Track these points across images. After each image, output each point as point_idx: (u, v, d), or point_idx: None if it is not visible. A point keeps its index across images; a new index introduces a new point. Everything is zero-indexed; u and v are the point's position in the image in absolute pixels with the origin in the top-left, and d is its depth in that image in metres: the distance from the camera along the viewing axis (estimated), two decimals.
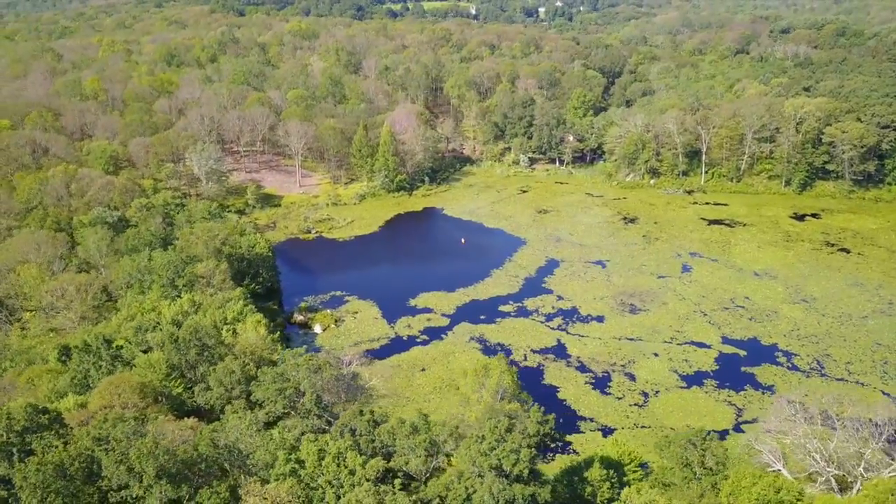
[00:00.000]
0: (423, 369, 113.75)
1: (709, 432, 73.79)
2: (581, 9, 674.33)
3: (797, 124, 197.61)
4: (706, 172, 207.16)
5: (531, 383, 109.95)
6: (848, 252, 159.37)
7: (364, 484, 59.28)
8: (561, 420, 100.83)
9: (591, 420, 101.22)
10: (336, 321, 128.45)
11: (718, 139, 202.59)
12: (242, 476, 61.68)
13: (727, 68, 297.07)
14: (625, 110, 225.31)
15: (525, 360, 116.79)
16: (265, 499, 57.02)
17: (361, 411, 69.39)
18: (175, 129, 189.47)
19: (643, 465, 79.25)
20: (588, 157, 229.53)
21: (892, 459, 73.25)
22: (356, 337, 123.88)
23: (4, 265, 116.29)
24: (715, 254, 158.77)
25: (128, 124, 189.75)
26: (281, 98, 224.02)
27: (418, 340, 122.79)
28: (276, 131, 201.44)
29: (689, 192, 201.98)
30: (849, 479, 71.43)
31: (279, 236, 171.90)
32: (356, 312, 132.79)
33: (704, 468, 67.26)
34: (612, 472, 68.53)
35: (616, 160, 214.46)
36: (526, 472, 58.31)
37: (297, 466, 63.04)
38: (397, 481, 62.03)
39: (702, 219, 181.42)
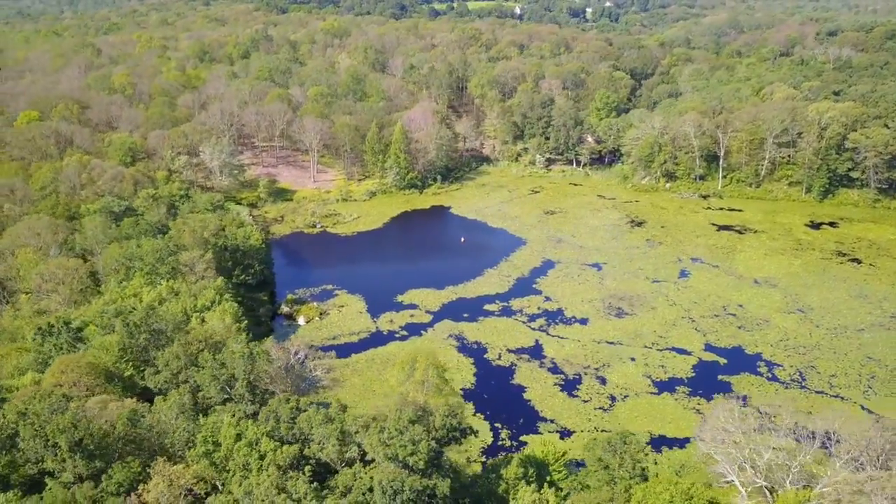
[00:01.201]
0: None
1: (628, 435, 72.60)
2: (632, 9, 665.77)
3: (821, 129, 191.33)
4: (724, 177, 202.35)
5: (500, 382, 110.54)
6: (859, 262, 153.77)
7: (270, 469, 60.75)
8: (521, 420, 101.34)
9: (552, 422, 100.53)
10: (321, 314, 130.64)
11: (737, 143, 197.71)
12: (158, 456, 63.89)
13: (764, 71, 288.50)
14: (643, 112, 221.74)
15: (499, 359, 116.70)
16: (168, 478, 59.04)
17: (288, 399, 70.99)
18: (193, 122, 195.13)
19: (582, 464, 78.91)
20: (606, 159, 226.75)
21: (838, 469, 70.76)
22: (337, 330, 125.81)
23: (7, 248, 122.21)
24: (717, 260, 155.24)
25: (149, 117, 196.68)
26: (302, 95, 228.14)
27: (397, 336, 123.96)
28: (293, 127, 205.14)
29: (705, 197, 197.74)
30: (779, 491, 69.44)
31: (284, 230, 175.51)
32: (342, 306, 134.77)
33: (622, 471, 66.43)
34: (532, 470, 68.32)
35: (633, 163, 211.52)
36: (422, 463, 58.78)
37: (212, 448, 64.97)
38: (307, 468, 63.31)
39: (712, 224, 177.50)
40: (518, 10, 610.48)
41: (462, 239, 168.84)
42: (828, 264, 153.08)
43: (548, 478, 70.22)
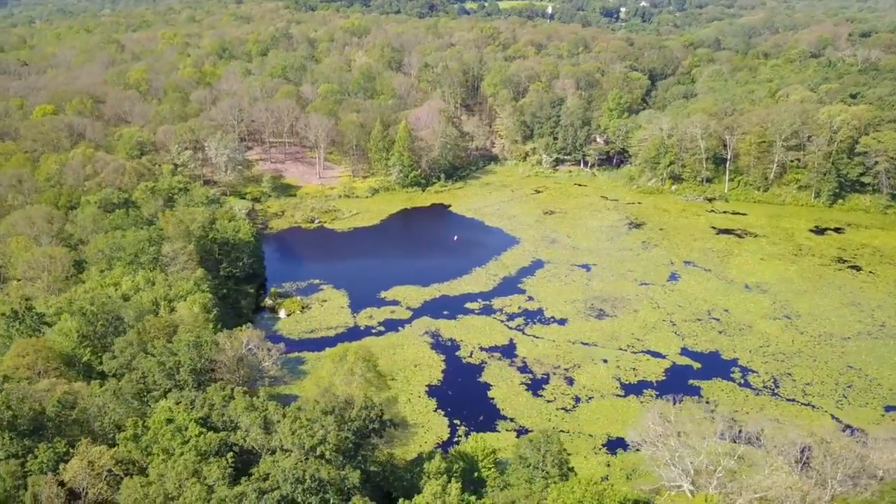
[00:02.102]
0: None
1: (551, 434, 72.26)
2: (666, 9, 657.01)
3: (833, 133, 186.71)
4: (732, 180, 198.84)
5: (466, 380, 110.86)
6: (858, 269, 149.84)
7: (189, 453, 62.38)
8: (481, 418, 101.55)
9: (512, 420, 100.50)
10: (302, 308, 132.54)
11: (745, 145, 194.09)
12: (84, 437, 66.00)
13: (788, 73, 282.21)
14: (651, 113, 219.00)
15: (470, 356, 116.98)
16: (87, 459, 61.05)
17: (223, 387, 72.65)
18: (201, 118, 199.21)
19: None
20: (615, 160, 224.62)
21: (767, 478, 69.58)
22: (316, 324, 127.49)
23: (2, 237, 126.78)
24: (710, 264, 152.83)
25: (158, 112, 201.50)
26: (313, 92, 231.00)
27: (374, 331, 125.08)
28: (300, 124, 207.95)
29: (710, 200, 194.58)
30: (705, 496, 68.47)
31: (282, 224, 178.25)
32: (325, 300, 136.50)
33: (542, 470, 66.28)
34: (458, 465, 68.65)
35: (640, 164, 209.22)
36: (328, 453, 59.66)
37: (141, 432, 66.90)
38: (230, 455, 64.77)
39: (712, 227, 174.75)
40: (550, 10, 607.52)
41: (455, 237, 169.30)
42: (825, 271, 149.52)
43: (475, 474, 70.50)
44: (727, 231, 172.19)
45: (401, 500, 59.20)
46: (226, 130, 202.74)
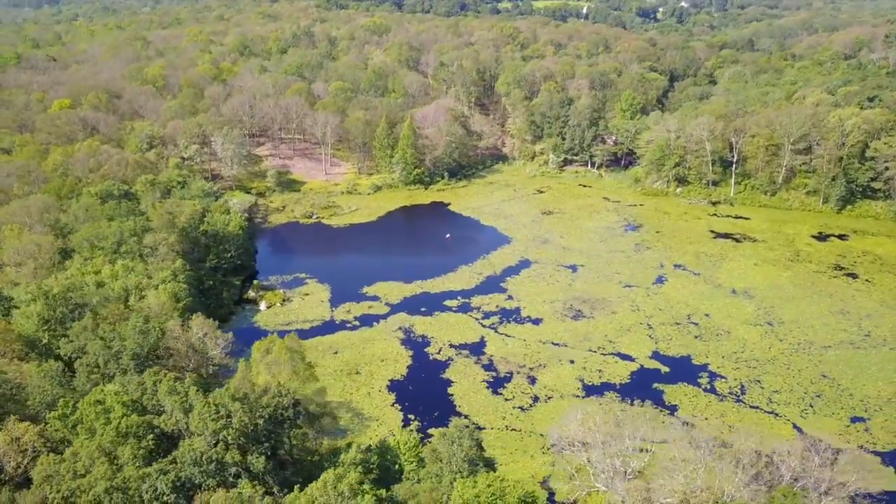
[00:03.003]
0: (336, 352, 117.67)
1: (465, 428, 72.50)
2: (705, 10, 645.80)
3: (843, 136, 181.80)
4: (738, 183, 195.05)
5: (430, 376, 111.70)
6: (855, 277, 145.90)
7: (107, 433, 64.78)
8: (436, 414, 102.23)
9: (466, 417, 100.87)
10: (283, 301, 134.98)
11: (752, 148, 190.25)
12: (14, 416, 69.04)
13: (815, 75, 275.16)
14: (659, 114, 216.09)
15: (438, 353, 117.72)
16: (13, 435, 63.94)
17: (156, 371, 75.03)
18: (210, 113, 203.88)
19: None
20: (623, 161, 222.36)
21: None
22: (293, 317, 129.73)
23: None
24: (701, 268, 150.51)
25: (169, 107, 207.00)
26: (325, 90, 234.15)
27: (349, 325, 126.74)
28: (307, 121, 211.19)
29: (714, 204, 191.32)
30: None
31: (281, 219, 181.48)
32: (307, 294, 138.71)
33: (451, 464, 66.73)
34: (375, 457, 69.64)
35: (646, 166, 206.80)
36: (230, 437, 61.25)
37: (70, 412, 69.62)
38: (150, 437, 66.97)
39: (710, 231, 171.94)
40: (585, 10, 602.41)
41: (447, 235, 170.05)
42: (819, 278, 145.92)
43: (396, 466, 71.37)
44: (725, 235, 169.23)
45: (295, 488, 60.49)
46: (235, 126, 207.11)
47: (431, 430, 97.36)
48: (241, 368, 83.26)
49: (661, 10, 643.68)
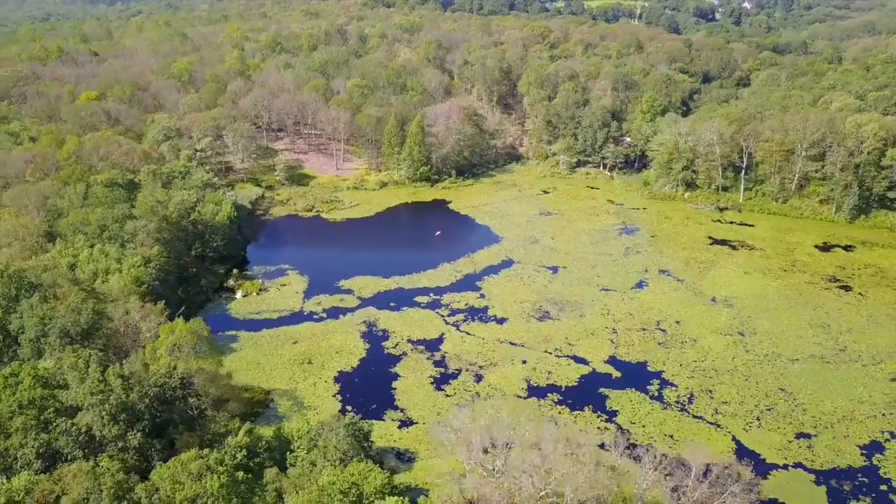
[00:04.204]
0: (296, 342, 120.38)
1: (340, 419, 73.31)
2: (768, 11, 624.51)
3: (860, 143, 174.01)
4: (749, 189, 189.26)
5: (379, 369, 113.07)
6: (848, 290, 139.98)
7: (7, 401, 68.90)
8: (374, 406, 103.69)
9: (402, 411, 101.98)
10: (259, 290, 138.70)
11: (763, 153, 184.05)
12: None
13: (856, 78, 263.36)
14: (672, 116, 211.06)
15: (395, 347, 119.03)
16: None
17: (76, 349, 79.06)
18: (224, 107, 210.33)
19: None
20: (636, 164, 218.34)
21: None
22: (265, 306, 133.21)
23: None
24: (687, 274, 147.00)
25: (188, 101, 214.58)
26: (344, 86, 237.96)
27: (315, 317, 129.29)
28: (320, 117, 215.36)
29: (721, 209, 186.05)
30: None
31: (283, 211, 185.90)
32: (284, 285, 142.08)
33: (325, 453, 67.94)
34: (263, 443, 71.61)
35: (656, 169, 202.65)
36: (105, 413, 64.30)
37: None
38: (51, 409, 70.75)
39: (709, 237, 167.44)
40: (638, 10, 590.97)
41: (437, 232, 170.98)
42: (809, 289, 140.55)
43: (288, 453, 73.14)
44: (723, 242, 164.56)
45: (159, 465, 63.07)
46: (251, 121, 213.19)
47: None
48: (149, 349, 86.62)
49: (720, 10, 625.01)
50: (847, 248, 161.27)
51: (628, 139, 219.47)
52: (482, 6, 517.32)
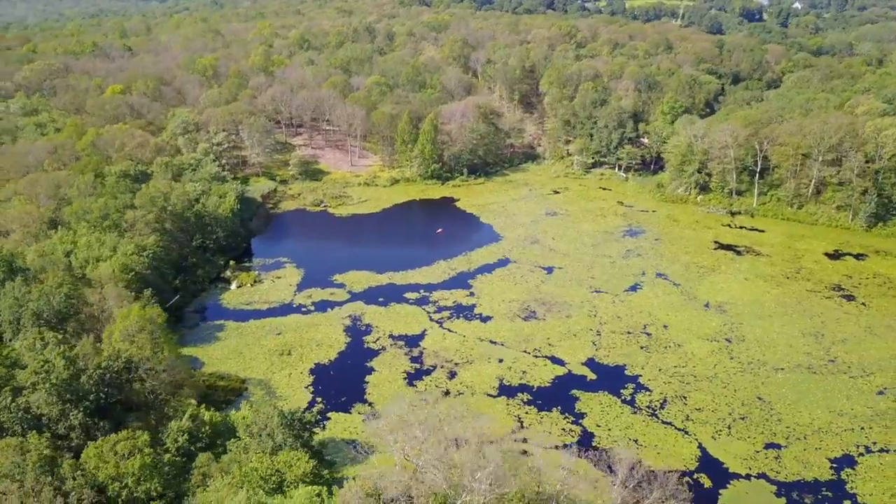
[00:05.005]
0: (279, 333, 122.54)
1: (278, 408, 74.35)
2: (817, 11, 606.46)
3: (880, 148, 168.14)
4: (764, 194, 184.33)
5: (355, 363, 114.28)
6: (851, 299, 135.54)
7: None
8: (343, 399, 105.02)
9: (370, 405, 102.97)
10: (254, 282, 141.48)
11: (778, 157, 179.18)
12: None
13: (893, 82, 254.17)
14: (689, 117, 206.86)
15: (375, 342, 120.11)
16: None
17: (41, 331, 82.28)
18: (241, 102, 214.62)
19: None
20: (652, 165, 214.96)
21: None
22: (256, 297, 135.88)
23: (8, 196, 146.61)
24: (684, 279, 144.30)
25: (208, 95, 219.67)
26: (363, 84, 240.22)
27: (304, 310, 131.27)
28: (335, 113, 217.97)
29: (733, 214, 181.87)
30: None
31: (292, 205, 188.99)
32: (279, 277, 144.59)
33: (257, 440, 69.19)
34: (206, 428, 73.35)
35: (670, 171, 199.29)
36: (45, 393, 66.93)
37: None
38: (7, 388, 73.93)
39: (715, 242, 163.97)
40: (681, 10, 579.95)
41: (439, 230, 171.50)
42: (809, 297, 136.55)
43: (231, 440, 74.76)
44: (728, 247, 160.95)
45: (90, 444, 65.31)
46: (269, 116, 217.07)
47: (332, 414, 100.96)
48: (105, 334, 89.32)
49: (768, 10, 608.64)
50: (859, 256, 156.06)
51: (646, 140, 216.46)
52: (520, 3, 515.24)
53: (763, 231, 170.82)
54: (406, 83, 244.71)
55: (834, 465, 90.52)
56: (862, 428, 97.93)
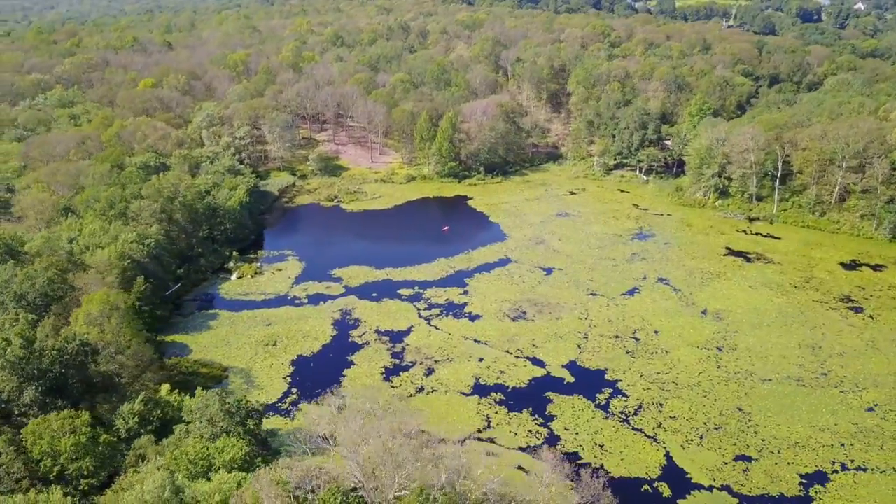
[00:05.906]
0: (269, 325, 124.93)
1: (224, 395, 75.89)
2: (878, 11, 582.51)
3: None
4: (785, 200, 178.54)
5: (337, 356, 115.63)
6: (859, 311, 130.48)
7: None
8: (317, 391, 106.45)
9: (343, 398, 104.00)
10: (255, 273, 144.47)
11: (802, 163, 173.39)
12: None
13: None
14: (711, 120, 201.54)
15: (360, 337, 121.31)
16: None
17: (16, 312, 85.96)
18: (265, 97, 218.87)
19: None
20: (675, 168, 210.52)
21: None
22: (254, 288, 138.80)
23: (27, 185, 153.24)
24: (686, 285, 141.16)
25: (234, 90, 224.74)
26: (388, 81, 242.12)
27: (297, 302, 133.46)
28: (357, 109, 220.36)
29: (752, 220, 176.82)
30: None
31: (307, 200, 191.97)
32: (280, 269, 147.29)
33: (200, 424, 70.83)
34: (157, 411, 75.56)
35: (690, 174, 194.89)
36: (7, 372, 70.13)
37: None
38: None
39: (726, 248, 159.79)
40: (733, 10, 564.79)
41: (445, 228, 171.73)
42: (815, 307, 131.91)
43: (180, 425, 76.82)
44: (739, 254, 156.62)
45: (32, 420, 68.07)
46: (293, 111, 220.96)
47: (304, 405, 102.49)
48: (73, 317, 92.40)
49: (826, 10, 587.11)
50: (876, 267, 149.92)
51: (669, 142, 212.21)
52: (566, 2, 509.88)
53: (779, 238, 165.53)
54: (431, 81, 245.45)
55: (804, 482, 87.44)
56: (842, 444, 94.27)
